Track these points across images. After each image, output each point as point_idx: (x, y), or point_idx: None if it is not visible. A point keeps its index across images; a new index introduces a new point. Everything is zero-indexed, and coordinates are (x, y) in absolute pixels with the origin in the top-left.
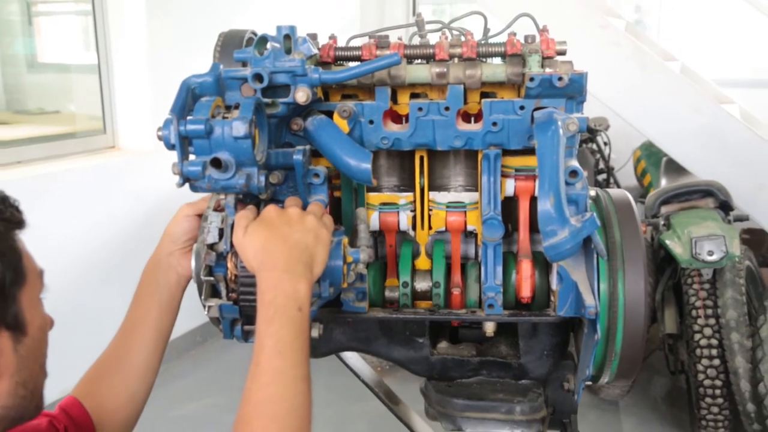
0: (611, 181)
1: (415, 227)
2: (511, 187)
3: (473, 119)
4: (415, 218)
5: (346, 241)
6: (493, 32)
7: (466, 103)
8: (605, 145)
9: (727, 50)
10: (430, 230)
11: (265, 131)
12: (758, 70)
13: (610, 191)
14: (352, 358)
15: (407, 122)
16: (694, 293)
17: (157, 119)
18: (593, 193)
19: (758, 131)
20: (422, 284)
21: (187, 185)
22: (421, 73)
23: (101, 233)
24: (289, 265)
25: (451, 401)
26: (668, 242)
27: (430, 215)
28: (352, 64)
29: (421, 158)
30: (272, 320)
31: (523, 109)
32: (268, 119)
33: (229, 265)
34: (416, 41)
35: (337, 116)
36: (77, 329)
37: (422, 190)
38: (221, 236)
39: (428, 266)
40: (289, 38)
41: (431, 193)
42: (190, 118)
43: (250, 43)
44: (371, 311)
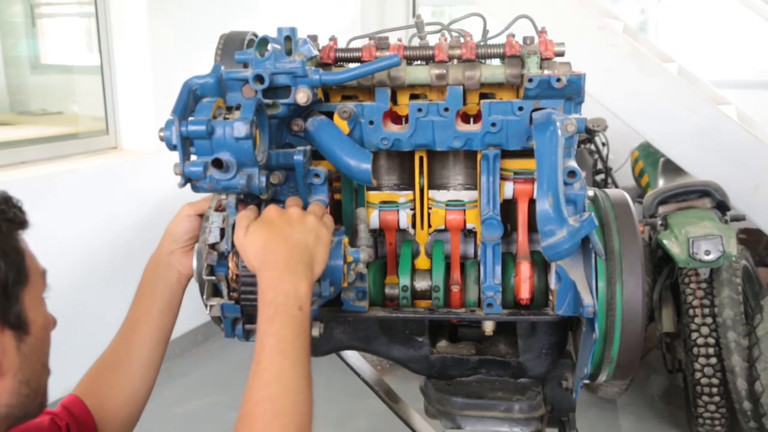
0: (609, 181)
1: (414, 225)
2: (509, 189)
3: (472, 120)
4: (414, 216)
5: (346, 240)
6: (492, 34)
7: (465, 104)
8: (603, 145)
9: (724, 52)
10: (429, 228)
11: (265, 132)
12: (755, 71)
13: (608, 191)
14: (352, 356)
15: (407, 123)
16: (691, 292)
17: (159, 120)
18: (591, 193)
19: (754, 132)
20: (422, 284)
21: (188, 185)
22: (420, 74)
23: (103, 233)
24: (289, 264)
25: (450, 399)
26: (666, 242)
27: (429, 214)
28: (352, 65)
29: (420, 158)
30: (273, 319)
31: (521, 109)
32: (268, 120)
33: (230, 264)
34: (416, 43)
35: (337, 117)
36: (80, 329)
37: (422, 190)
38: (222, 236)
39: (428, 265)
40: (289, 40)
41: (430, 191)
42: (191, 118)
43: (251, 44)
44: (371, 310)
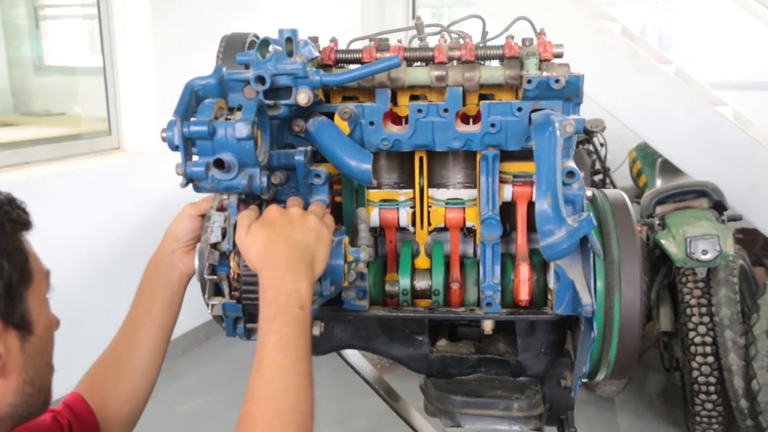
0: (607, 181)
1: (414, 224)
2: (509, 192)
3: (472, 121)
4: (414, 215)
5: (346, 240)
6: (491, 35)
7: (464, 104)
8: (601, 146)
9: (720, 53)
10: (429, 227)
11: (267, 132)
12: (751, 73)
13: (606, 191)
14: (352, 355)
15: (407, 124)
16: (688, 292)
17: (161, 121)
18: (590, 193)
19: (751, 133)
20: (422, 283)
21: (190, 185)
22: (420, 75)
23: (106, 233)
24: (291, 264)
25: (450, 398)
26: (663, 242)
27: (429, 212)
28: (352, 66)
29: (420, 159)
30: (274, 318)
31: (520, 110)
32: (270, 121)
33: (231, 264)
34: (416, 44)
35: (337, 118)
36: (82, 327)
37: (422, 190)
38: (224, 236)
39: (428, 265)
40: (290, 41)
41: (430, 190)
42: (193, 119)
43: (252, 46)
44: (371, 309)
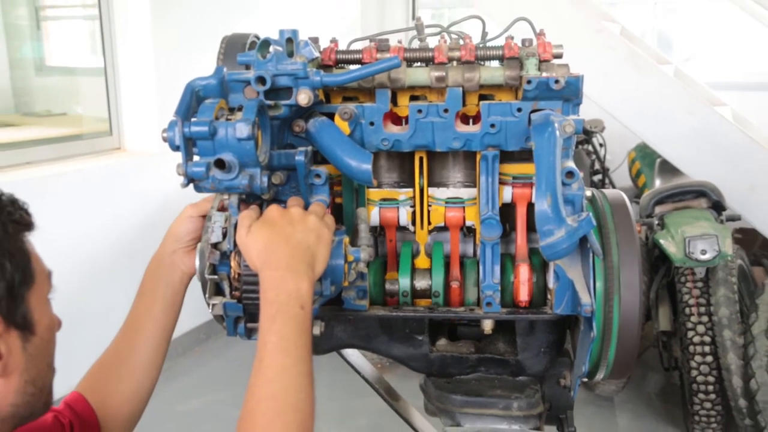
0: (606, 181)
1: (414, 222)
2: (508, 194)
3: (471, 121)
4: (414, 214)
5: (347, 240)
6: (491, 36)
7: (464, 105)
8: (601, 146)
9: (720, 54)
10: (429, 225)
11: (267, 133)
12: (749, 73)
13: (605, 192)
14: (353, 355)
15: (407, 124)
16: (687, 291)
17: (162, 121)
18: (589, 193)
19: (750, 133)
20: (422, 283)
21: (191, 186)
22: (420, 75)
23: (107, 233)
24: (291, 264)
25: (449, 397)
26: (662, 241)
27: (429, 210)
28: (353, 67)
29: (420, 159)
30: (275, 318)
31: (520, 111)
32: (270, 121)
33: (232, 263)
34: (416, 45)
35: (338, 118)
36: (83, 327)
37: (422, 190)
38: (225, 236)
39: (427, 264)
40: (291, 42)
41: (430, 188)
42: (194, 119)
43: (253, 46)
44: (372, 309)
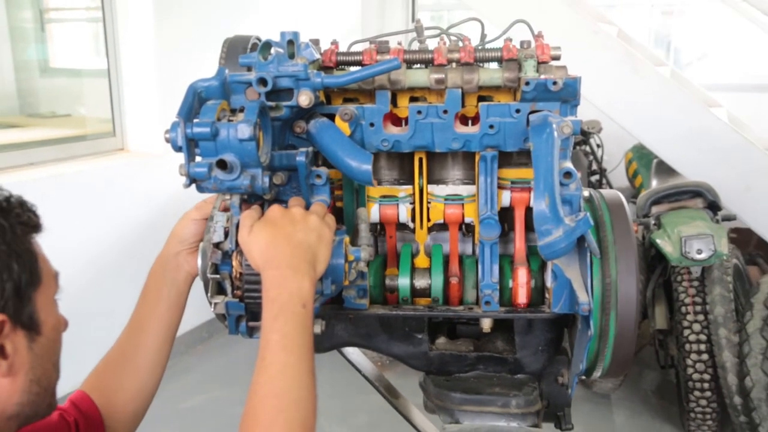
0: (604, 182)
1: (414, 220)
2: (507, 198)
3: (471, 122)
4: (414, 211)
5: (347, 240)
6: (489, 38)
7: (463, 106)
8: (598, 147)
9: (716, 56)
10: (428, 222)
11: (269, 133)
12: (745, 75)
13: (602, 192)
14: (353, 353)
15: (407, 125)
16: (683, 290)
17: (164, 122)
18: (587, 193)
19: (745, 134)
20: (421, 282)
21: (193, 186)
22: (420, 77)
23: (111, 233)
24: (293, 263)
25: (449, 395)
26: (659, 241)
27: (428, 207)
28: (353, 68)
29: (420, 159)
30: (277, 317)
31: (519, 112)
32: (271, 122)
33: (234, 263)
34: (415, 46)
35: (338, 119)
36: (87, 327)
37: (421, 190)
38: (227, 235)
39: (427, 264)
40: (292, 43)
41: (429, 186)
42: (196, 121)
43: (254, 48)
44: (372, 308)
